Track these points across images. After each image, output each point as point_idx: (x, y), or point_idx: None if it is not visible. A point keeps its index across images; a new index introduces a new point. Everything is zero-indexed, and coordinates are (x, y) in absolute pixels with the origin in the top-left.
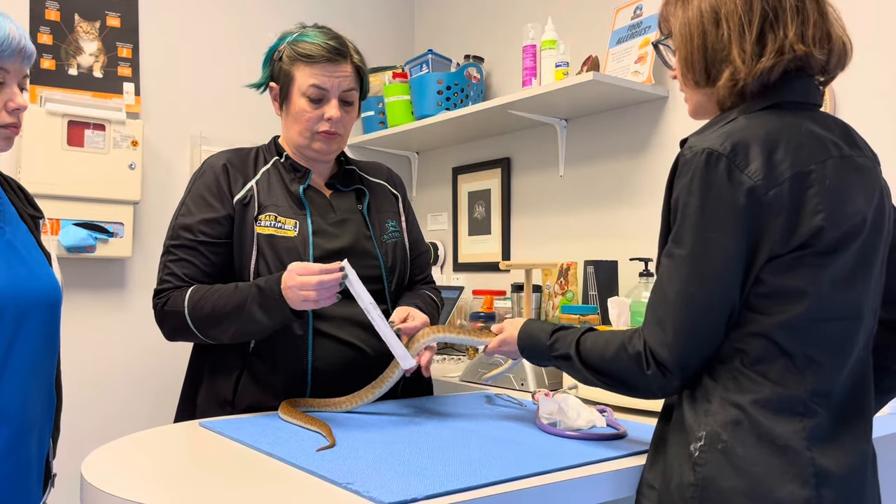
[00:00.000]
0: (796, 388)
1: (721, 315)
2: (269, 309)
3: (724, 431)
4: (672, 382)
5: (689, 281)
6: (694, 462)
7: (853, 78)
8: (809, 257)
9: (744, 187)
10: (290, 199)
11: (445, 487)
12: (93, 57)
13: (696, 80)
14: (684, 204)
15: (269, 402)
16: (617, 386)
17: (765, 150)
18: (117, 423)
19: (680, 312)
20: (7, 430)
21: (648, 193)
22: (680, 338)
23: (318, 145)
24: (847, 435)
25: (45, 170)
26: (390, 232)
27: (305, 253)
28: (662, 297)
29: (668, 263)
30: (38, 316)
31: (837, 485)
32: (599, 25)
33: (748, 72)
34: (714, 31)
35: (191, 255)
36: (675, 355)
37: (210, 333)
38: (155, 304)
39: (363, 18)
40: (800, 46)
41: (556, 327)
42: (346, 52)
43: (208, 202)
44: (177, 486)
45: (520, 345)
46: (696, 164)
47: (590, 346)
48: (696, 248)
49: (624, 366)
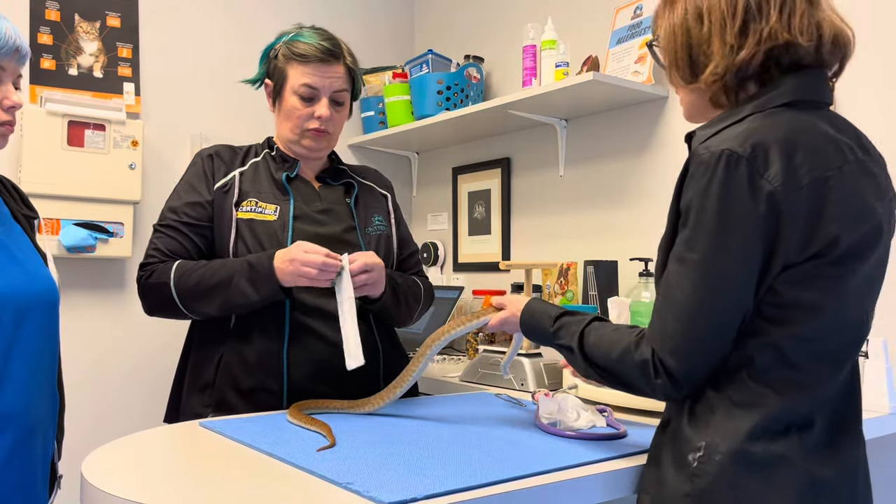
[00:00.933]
0: (799, 400)
1: (733, 323)
2: (257, 282)
3: (724, 444)
4: (680, 391)
5: (702, 287)
6: (691, 473)
7: (854, 77)
8: (825, 267)
9: (763, 192)
10: (273, 185)
11: (445, 487)
12: (93, 57)
13: (682, 77)
14: (699, 207)
15: (246, 384)
16: (618, 385)
17: (784, 154)
18: (117, 423)
19: (692, 320)
20: (11, 433)
21: (648, 193)
22: (690, 346)
23: (307, 142)
24: (843, 441)
25: (45, 170)
26: (375, 225)
27: (284, 236)
28: (672, 304)
29: (678, 269)
30: (37, 317)
31: (832, 493)
32: (599, 25)
33: (727, 65)
34: (697, 27)
35: (175, 235)
36: (684, 364)
37: (192, 306)
38: (139, 277)
39: (363, 18)
40: (784, 35)
41: (560, 312)
42: (339, 54)
43: (194, 187)
44: (177, 486)
45: (522, 325)
46: (713, 165)
47: (593, 343)
48: (711, 253)
49: (628, 370)
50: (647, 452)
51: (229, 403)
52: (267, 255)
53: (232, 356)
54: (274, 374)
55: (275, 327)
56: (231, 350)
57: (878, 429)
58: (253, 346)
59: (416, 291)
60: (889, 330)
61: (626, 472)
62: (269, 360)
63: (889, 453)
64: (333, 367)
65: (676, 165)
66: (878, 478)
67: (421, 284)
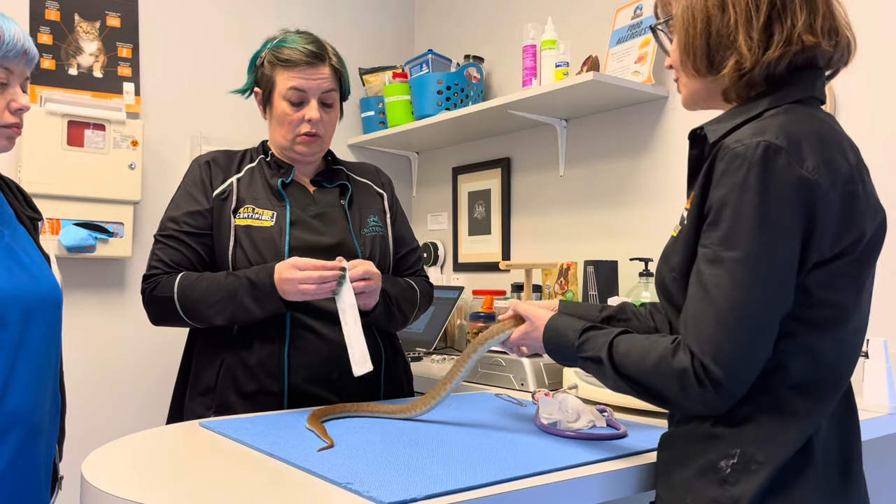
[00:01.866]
0: (828, 406)
1: (776, 324)
2: (261, 300)
3: (761, 453)
4: (725, 402)
5: (749, 287)
6: (723, 479)
7: (854, 76)
8: (848, 266)
9: (804, 183)
10: (269, 192)
11: (445, 487)
12: (93, 57)
13: (696, 67)
14: (737, 201)
15: (247, 387)
16: (652, 398)
17: (817, 148)
18: (117, 423)
19: (737, 322)
20: (19, 433)
21: (649, 193)
22: (738, 350)
23: (300, 148)
24: (846, 421)
25: (45, 170)
26: (371, 226)
27: (281, 243)
28: (712, 307)
29: (714, 270)
30: (42, 318)
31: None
32: (599, 25)
33: (755, 61)
34: (719, 15)
35: (177, 245)
36: (733, 370)
37: (197, 319)
38: (143, 289)
39: (363, 18)
40: (808, 37)
41: (586, 325)
42: (323, 56)
43: (193, 196)
44: (177, 486)
45: (546, 340)
46: (751, 157)
47: (624, 352)
48: (754, 249)
49: (665, 381)
50: (646, 452)
51: (231, 406)
52: (266, 273)
53: (233, 360)
54: (275, 377)
55: (276, 330)
56: (233, 354)
57: (878, 429)
58: (254, 349)
59: (412, 296)
60: (889, 330)
61: (626, 473)
62: (270, 363)
63: (889, 453)
64: (334, 368)
65: (677, 165)
66: (878, 478)
67: (417, 288)
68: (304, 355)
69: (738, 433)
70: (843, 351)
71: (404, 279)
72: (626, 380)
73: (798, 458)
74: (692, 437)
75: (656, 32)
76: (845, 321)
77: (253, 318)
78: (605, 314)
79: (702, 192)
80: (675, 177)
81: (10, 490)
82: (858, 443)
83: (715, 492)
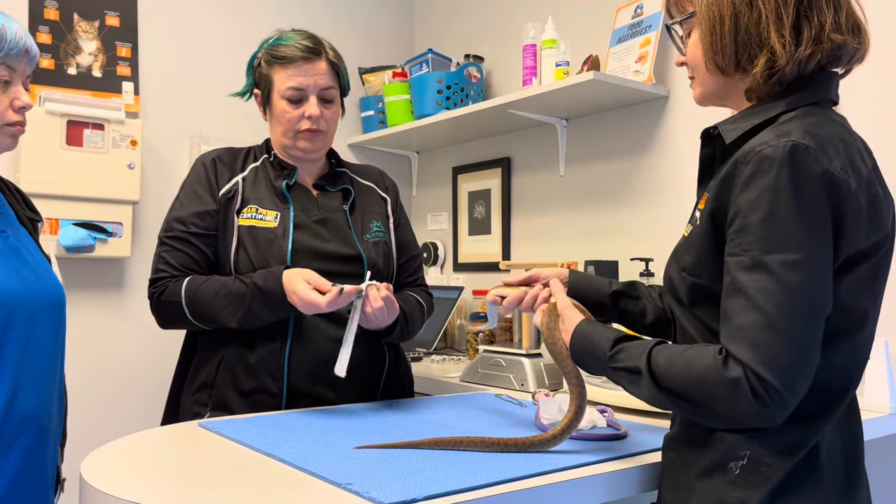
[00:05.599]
0: (836, 406)
1: (823, 326)
2: (273, 307)
3: (772, 457)
4: (782, 412)
5: (796, 288)
6: (732, 479)
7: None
8: (867, 269)
9: (835, 182)
10: (273, 193)
11: (445, 487)
12: (92, 56)
13: (722, 65)
14: (771, 203)
15: (246, 385)
16: (695, 411)
17: (840, 150)
18: (117, 424)
19: (793, 326)
20: (30, 434)
21: (649, 193)
22: (792, 356)
23: (302, 143)
24: (849, 422)
25: (44, 169)
26: (374, 231)
27: (285, 244)
28: (763, 314)
29: (757, 276)
30: (47, 319)
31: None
32: (600, 25)
33: (788, 58)
34: (748, 12)
35: (184, 246)
36: (787, 377)
37: (207, 323)
38: (151, 294)
39: (363, 18)
40: (836, 35)
41: (620, 335)
42: (320, 51)
43: (199, 196)
44: (176, 486)
45: (573, 347)
46: (781, 158)
47: (664, 363)
48: (797, 250)
49: (714, 392)
50: (647, 453)
51: (228, 404)
52: (273, 280)
53: (234, 357)
54: (274, 376)
55: (278, 327)
56: (234, 351)
57: (878, 429)
58: (255, 347)
59: (420, 314)
60: (889, 330)
61: (626, 473)
62: (271, 361)
63: (889, 453)
64: (333, 368)
65: (677, 165)
66: (878, 478)
67: (423, 304)
68: (304, 352)
69: (745, 435)
70: (856, 357)
71: (412, 295)
72: (668, 392)
73: (805, 461)
74: (697, 438)
75: (671, 31)
76: (863, 327)
77: (263, 323)
78: (615, 288)
79: (718, 193)
80: (675, 176)
81: (21, 493)
82: (861, 444)
83: (722, 492)
